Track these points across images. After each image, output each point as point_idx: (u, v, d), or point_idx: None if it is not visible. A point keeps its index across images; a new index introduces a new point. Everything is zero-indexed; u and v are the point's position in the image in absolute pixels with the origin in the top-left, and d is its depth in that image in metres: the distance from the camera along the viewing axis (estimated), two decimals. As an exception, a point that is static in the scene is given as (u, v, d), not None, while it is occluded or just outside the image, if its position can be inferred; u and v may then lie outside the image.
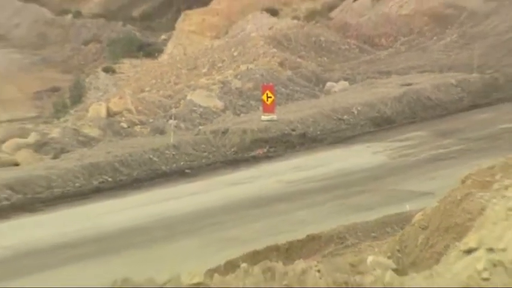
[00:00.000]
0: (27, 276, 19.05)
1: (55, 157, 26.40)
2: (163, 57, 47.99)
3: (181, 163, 26.13)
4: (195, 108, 30.57)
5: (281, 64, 34.80)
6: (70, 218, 22.68)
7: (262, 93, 29.95)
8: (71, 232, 21.58)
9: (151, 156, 26.18)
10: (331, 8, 50.53)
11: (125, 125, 29.14)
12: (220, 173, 25.77)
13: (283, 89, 31.56)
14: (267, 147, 27.24)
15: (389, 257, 16.01)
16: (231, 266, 15.36)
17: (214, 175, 25.58)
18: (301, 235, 19.54)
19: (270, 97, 29.41)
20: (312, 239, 19.52)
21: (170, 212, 22.72)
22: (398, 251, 16.86)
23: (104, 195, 24.22)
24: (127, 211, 22.96)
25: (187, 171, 25.85)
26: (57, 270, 19.12)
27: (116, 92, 37.05)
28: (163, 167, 25.87)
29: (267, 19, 47.91)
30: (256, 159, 26.72)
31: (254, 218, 21.76)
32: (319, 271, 15.08)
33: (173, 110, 30.22)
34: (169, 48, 51.43)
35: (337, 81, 33.81)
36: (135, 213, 22.70)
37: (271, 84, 30.90)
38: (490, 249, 14.24)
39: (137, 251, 19.63)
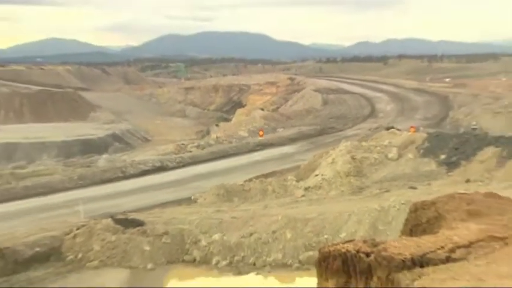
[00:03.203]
0: (193, 183, 18.20)
1: (201, 150, 25.43)
2: (231, 122, 46.97)
3: (235, 151, 24.99)
4: (240, 136, 29.77)
5: (265, 124, 33.90)
6: (204, 167, 21.57)
7: (259, 131, 29.18)
8: (203, 170, 20.63)
9: (227, 149, 25.13)
10: (278, 107, 49.96)
11: (221, 140, 28.30)
12: (245, 154, 24.59)
13: (265, 131, 30.83)
14: (260, 147, 26.37)
15: (295, 177, 15.18)
16: (250, 181, 14.72)
17: (244, 154, 24.42)
18: (269, 171, 18.93)
19: (261, 133, 28.66)
20: (273, 172, 18.81)
21: (233, 165, 21.71)
22: (296, 176, 16.04)
23: (213, 160, 23.02)
24: (219, 164, 21.93)
25: (236, 153, 24.92)
26: (201, 181, 18.13)
27: (218, 132, 36.04)
28: (231, 152, 24.71)
29: (260, 111, 46.96)
30: (256, 150, 25.50)
31: (255, 167, 20.78)
32: (275, 182, 14.07)
33: (234, 136, 29.40)
34: (233, 119, 50.47)
35: (280, 129, 32.99)
36: (220, 165, 21.65)
37: (262, 129, 30.21)
38: (322, 175, 13.27)
39: (224, 177, 18.31)
